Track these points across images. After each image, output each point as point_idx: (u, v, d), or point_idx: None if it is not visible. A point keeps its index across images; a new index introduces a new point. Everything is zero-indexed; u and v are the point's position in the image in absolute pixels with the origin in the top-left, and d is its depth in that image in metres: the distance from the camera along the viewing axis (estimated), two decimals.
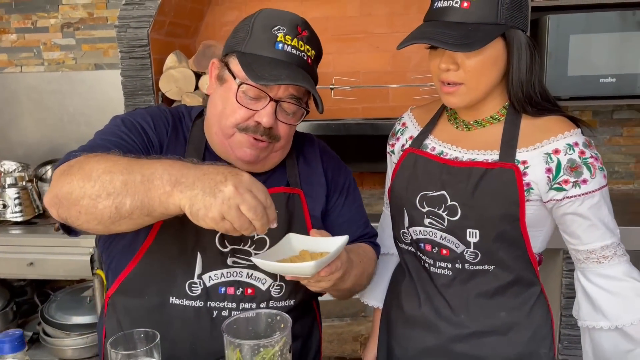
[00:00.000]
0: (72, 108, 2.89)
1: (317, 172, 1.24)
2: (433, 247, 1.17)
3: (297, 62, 1.06)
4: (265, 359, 0.85)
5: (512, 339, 1.17)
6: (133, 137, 1.08)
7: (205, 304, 1.10)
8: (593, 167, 1.07)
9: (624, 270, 1.10)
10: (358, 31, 2.64)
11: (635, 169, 2.55)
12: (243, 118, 1.07)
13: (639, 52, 2.07)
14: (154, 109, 1.18)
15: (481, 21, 1.03)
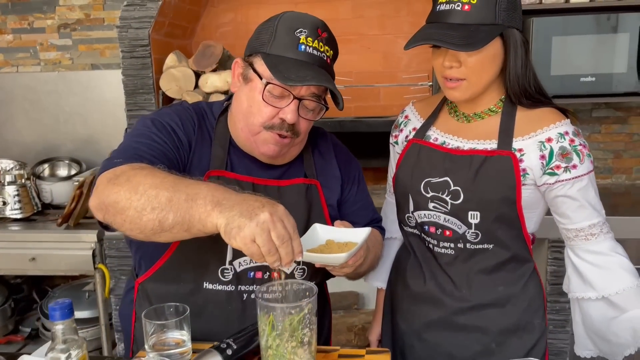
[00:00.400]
0: (68, 108, 2.93)
1: (331, 164, 1.32)
2: (437, 229, 1.26)
3: (318, 63, 1.14)
4: (294, 321, 0.94)
5: (509, 310, 1.27)
6: (164, 138, 1.14)
7: (236, 288, 1.18)
8: (582, 154, 1.17)
9: (609, 245, 1.21)
10: (351, 33, 2.75)
11: (613, 164, 2.69)
12: (269, 116, 1.15)
13: (617, 52, 2.20)
14: (178, 108, 1.24)
15: (481, 22, 1.12)
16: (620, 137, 2.66)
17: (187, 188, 0.94)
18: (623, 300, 1.17)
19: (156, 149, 1.11)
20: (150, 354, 1.06)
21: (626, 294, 1.17)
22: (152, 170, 0.99)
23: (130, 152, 1.08)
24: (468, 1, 1.11)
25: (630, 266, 1.20)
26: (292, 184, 1.24)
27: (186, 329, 1.09)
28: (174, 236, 0.97)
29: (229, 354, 1.02)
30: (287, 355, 0.93)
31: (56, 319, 0.93)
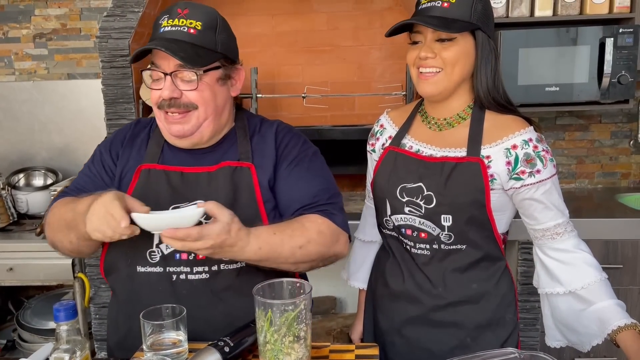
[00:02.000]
0: (43, 117, 2.91)
1: (268, 147, 1.34)
2: (413, 232, 1.34)
3: (176, 36, 1.22)
4: (290, 318, 0.99)
5: (483, 306, 1.34)
6: (94, 168, 1.37)
7: (165, 269, 1.26)
8: (545, 159, 1.26)
9: (573, 243, 1.30)
10: (326, 44, 2.82)
11: (577, 169, 2.84)
12: (156, 98, 1.27)
13: (579, 64, 2.34)
14: (119, 130, 1.43)
15: (457, 18, 1.23)
16: (583, 143, 2.81)
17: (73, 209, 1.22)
18: (589, 294, 1.25)
19: (85, 182, 1.36)
20: (148, 353, 1.10)
21: (591, 288, 1.25)
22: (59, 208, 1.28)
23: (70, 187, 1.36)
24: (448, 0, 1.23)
25: (594, 261, 1.29)
26: (219, 168, 1.30)
27: (182, 330, 1.13)
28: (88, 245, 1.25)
29: (226, 351, 1.07)
30: (284, 350, 0.99)
31: (61, 319, 0.96)
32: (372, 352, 1.14)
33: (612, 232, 2.25)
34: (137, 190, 1.28)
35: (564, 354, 2.28)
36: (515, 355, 1.06)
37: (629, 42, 2.28)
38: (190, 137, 1.29)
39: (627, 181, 2.83)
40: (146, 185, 1.29)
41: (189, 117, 1.26)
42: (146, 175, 1.30)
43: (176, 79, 1.23)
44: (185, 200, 1.27)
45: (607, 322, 1.20)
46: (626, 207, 2.47)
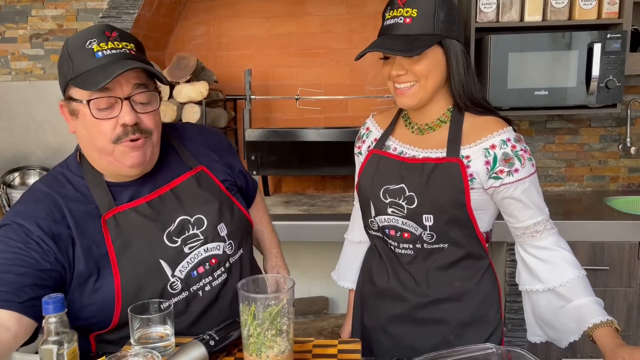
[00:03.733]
0: (39, 117, 2.94)
1: (205, 149, 1.39)
2: (396, 232, 1.37)
3: (122, 57, 1.13)
4: (273, 313, 1.02)
5: (466, 304, 1.37)
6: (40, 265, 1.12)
7: (190, 291, 1.25)
8: (523, 158, 1.28)
9: (553, 241, 1.32)
10: (320, 47, 2.86)
11: (566, 172, 2.87)
12: (111, 129, 1.14)
13: (568, 68, 2.38)
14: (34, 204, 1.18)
15: (421, 33, 1.24)
16: (572, 147, 2.84)
17: None
18: (568, 291, 1.28)
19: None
20: (135, 347, 1.12)
21: (570, 285, 1.28)
22: None
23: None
24: (409, 15, 1.24)
25: (573, 259, 1.31)
26: (180, 182, 1.29)
27: (169, 324, 1.16)
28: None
29: (211, 345, 1.09)
30: (267, 343, 1.01)
31: (49, 312, 0.98)
32: (355, 347, 1.16)
33: (600, 234, 2.28)
34: (117, 242, 1.18)
35: (551, 354, 2.31)
36: (493, 350, 1.09)
37: (616, 47, 2.32)
38: (144, 165, 1.22)
39: (615, 184, 2.86)
40: (121, 231, 1.19)
41: (147, 143, 1.18)
42: (114, 223, 1.19)
43: (133, 102, 1.14)
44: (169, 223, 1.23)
45: (584, 319, 1.23)
46: (614, 209, 2.51)
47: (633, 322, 2.33)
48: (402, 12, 1.25)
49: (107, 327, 1.22)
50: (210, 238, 1.28)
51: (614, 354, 1.14)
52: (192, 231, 1.26)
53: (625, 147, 2.75)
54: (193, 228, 1.27)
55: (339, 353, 1.14)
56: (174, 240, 1.24)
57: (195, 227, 1.27)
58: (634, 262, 2.28)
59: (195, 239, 1.26)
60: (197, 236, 1.27)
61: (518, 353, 1.08)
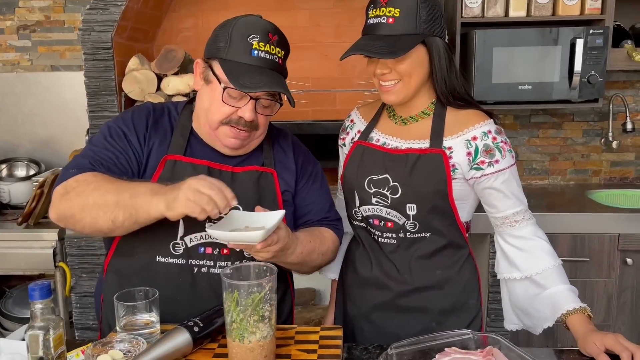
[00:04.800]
0: (26, 109, 2.94)
1: (289, 159, 1.44)
2: (380, 221, 1.40)
3: (270, 66, 1.26)
4: (256, 300, 1.04)
5: (447, 292, 1.41)
6: (115, 143, 1.31)
7: (187, 262, 1.29)
8: (503, 150, 1.32)
9: (531, 231, 1.36)
10: (308, 40, 2.87)
11: (550, 166, 2.91)
12: (227, 114, 1.28)
13: (552, 63, 2.41)
14: (137, 108, 1.39)
15: (404, 32, 1.26)
16: (556, 141, 2.89)
17: (128, 190, 1.17)
18: (544, 279, 1.32)
19: (107, 156, 1.29)
20: (121, 333, 1.15)
21: (546, 274, 1.32)
22: (97, 183, 1.19)
23: (84, 161, 1.27)
24: (392, 15, 1.26)
25: (550, 248, 1.35)
26: (245, 171, 1.35)
27: (155, 311, 1.18)
28: (126, 229, 1.20)
29: (195, 331, 1.12)
30: (249, 329, 1.04)
31: (35, 298, 1.00)
32: (336, 333, 1.20)
33: (581, 226, 2.33)
34: (162, 180, 1.27)
35: (532, 344, 2.35)
36: (469, 336, 1.12)
37: (598, 42, 2.36)
38: (237, 149, 1.34)
39: (597, 178, 2.91)
40: (171, 176, 1.28)
41: (251, 135, 1.32)
42: (171, 166, 1.30)
43: (258, 103, 1.28)
44: None
45: (558, 306, 1.27)
46: (595, 202, 2.56)
47: (612, 312, 2.38)
48: (384, 12, 1.27)
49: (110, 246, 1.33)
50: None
51: (585, 339, 1.17)
52: (223, 215, 1.25)
53: (607, 142, 2.80)
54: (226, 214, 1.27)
55: (321, 339, 1.17)
56: None
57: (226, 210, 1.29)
58: (613, 253, 2.33)
59: None
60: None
61: (493, 338, 1.11)
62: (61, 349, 1.04)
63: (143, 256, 1.29)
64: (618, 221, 2.33)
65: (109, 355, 1.05)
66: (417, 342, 1.10)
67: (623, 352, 1.10)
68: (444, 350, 1.09)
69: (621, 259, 2.33)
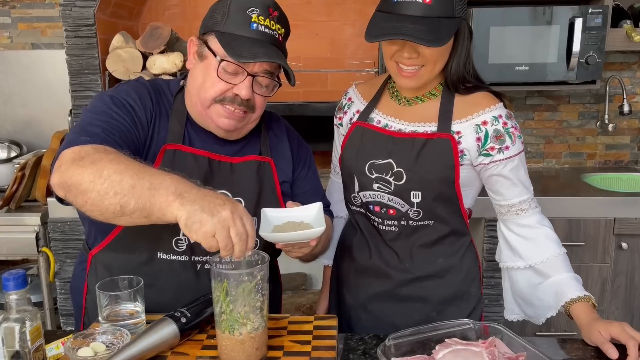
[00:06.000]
0: (7, 89, 2.83)
1: (284, 146, 1.37)
2: (381, 208, 1.34)
3: (270, 40, 1.18)
4: (247, 290, 0.99)
5: (449, 281, 1.36)
6: (124, 116, 1.16)
7: (190, 258, 1.22)
8: (513, 136, 1.27)
9: (537, 219, 1.32)
10: (299, 19, 2.78)
11: (545, 149, 2.87)
12: (222, 91, 1.19)
13: (546, 44, 2.35)
14: (135, 84, 1.26)
15: (441, 15, 1.15)
16: (551, 124, 2.84)
17: (150, 177, 0.98)
18: (547, 267, 1.28)
19: (117, 128, 1.13)
20: (104, 324, 1.09)
21: (550, 262, 1.27)
22: (117, 156, 1.02)
23: (94, 130, 1.09)
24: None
25: (555, 236, 1.31)
26: (244, 161, 1.28)
27: (140, 301, 1.12)
28: (133, 221, 1.00)
29: (183, 322, 1.06)
30: (240, 320, 0.98)
31: (10, 289, 0.94)
32: (331, 323, 1.14)
33: (576, 210, 2.30)
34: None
35: (526, 329, 2.33)
36: (470, 325, 1.07)
37: (597, 22, 2.30)
38: (232, 132, 1.25)
39: (592, 161, 2.88)
40: (171, 167, 1.14)
41: (246, 116, 1.22)
42: (171, 156, 1.21)
43: (255, 81, 1.19)
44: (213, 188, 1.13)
45: (562, 294, 1.23)
46: (590, 186, 2.52)
47: (607, 296, 2.37)
48: None
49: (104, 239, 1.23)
50: None
51: (590, 328, 1.14)
52: None
53: (603, 124, 2.76)
54: None
55: (315, 329, 1.12)
56: None
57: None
58: (608, 238, 2.30)
59: None
60: None
61: (495, 328, 1.07)
62: (39, 341, 0.98)
63: (143, 252, 1.22)
64: (613, 205, 2.30)
65: (91, 348, 1.00)
66: (417, 333, 1.05)
67: (629, 342, 1.07)
68: (444, 341, 1.04)
69: (616, 243, 2.31)
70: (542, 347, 1.07)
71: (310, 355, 1.03)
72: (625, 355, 1.06)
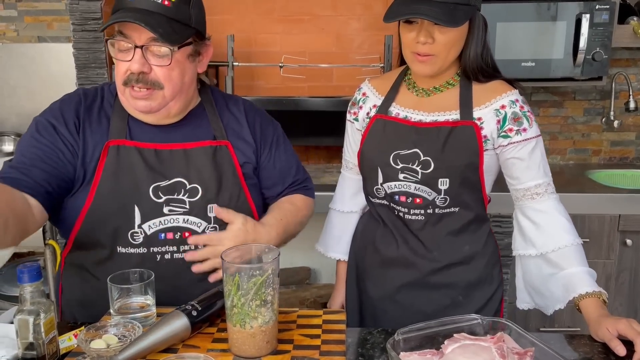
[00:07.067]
0: (12, 81, 2.84)
1: (243, 128, 1.36)
2: (407, 198, 1.36)
3: (148, 6, 1.15)
4: (257, 283, 1.00)
5: (473, 266, 1.39)
6: (45, 138, 1.20)
7: (149, 250, 1.23)
8: (530, 119, 1.30)
9: (552, 205, 1.32)
10: (304, 13, 2.78)
11: (550, 145, 2.87)
12: (123, 72, 1.19)
13: (553, 40, 2.35)
14: (64, 98, 1.28)
15: (457, 2, 1.20)
16: (557, 120, 2.84)
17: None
18: (559, 258, 1.28)
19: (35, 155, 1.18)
20: (115, 317, 1.10)
21: (562, 252, 1.27)
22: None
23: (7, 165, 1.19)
24: None
25: (569, 226, 1.30)
26: (198, 146, 1.28)
27: (150, 294, 1.14)
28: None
29: (194, 315, 1.07)
30: (251, 314, 0.99)
31: (24, 281, 0.95)
32: (340, 317, 1.15)
33: (581, 206, 2.30)
34: (108, 169, 1.21)
35: (530, 324, 2.34)
36: (478, 321, 1.08)
37: (604, 18, 2.30)
38: (157, 113, 1.24)
39: (597, 158, 2.88)
40: (116, 163, 1.22)
41: (155, 95, 1.20)
42: (115, 152, 1.22)
43: (147, 52, 1.16)
44: (164, 178, 1.23)
45: (572, 288, 1.23)
46: (595, 182, 2.53)
47: (611, 292, 2.37)
48: None
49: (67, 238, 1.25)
50: (195, 212, 1.24)
51: (598, 324, 1.14)
52: (181, 196, 1.24)
53: (609, 121, 2.76)
54: (184, 194, 1.24)
55: (324, 323, 1.13)
56: (159, 195, 1.23)
57: (186, 195, 1.24)
58: (613, 234, 2.31)
59: (180, 205, 1.24)
60: (183, 203, 1.24)
61: (503, 323, 1.08)
62: (52, 333, 0.99)
63: (105, 248, 1.23)
64: (618, 202, 2.30)
65: (103, 340, 1.01)
66: (425, 328, 1.06)
67: (637, 338, 1.07)
68: (453, 336, 1.05)
69: (621, 239, 2.32)
70: (550, 342, 1.08)
71: (319, 348, 1.04)
72: (633, 351, 1.07)
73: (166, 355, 1.01)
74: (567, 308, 1.28)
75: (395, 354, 0.99)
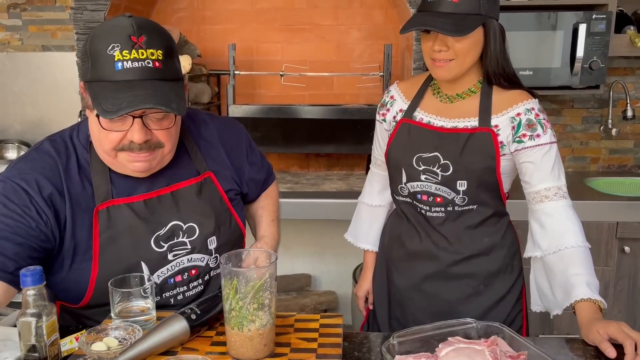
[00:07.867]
0: (17, 89, 2.88)
1: (218, 151, 1.34)
2: (429, 197, 1.43)
3: (141, 75, 1.06)
4: (255, 287, 1.02)
5: (493, 257, 1.45)
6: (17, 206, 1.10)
7: (162, 297, 1.23)
8: (545, 126, 1.35)
9: (560, 209, 1.33)
10: (305, 22, 2.82)
11: None
12: (116, 141, 1.11)
13: (553, 48, 2.38)
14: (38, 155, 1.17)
15: (468, 12, 1.29)
16: (555, 128, 2.82)
17: None
18: (559, 260, 1.29)
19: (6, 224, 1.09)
20: (116, 320, 1.12)
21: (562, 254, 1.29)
22: None
23: None
24: None
25: (575, 230, 1.32)
26: (184, 186, 1.26)
27: (150, 298, 1.15)
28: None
29: (193, 319, 1.09)
30: (249, 317, 1.01)
31: (27, 284, 0.97)
32: (336, 321, 1.17)
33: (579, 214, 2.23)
34: (105, 235, 1.16)
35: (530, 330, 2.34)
36: (472, 325, 1.10)
37: (601, 28, 2.33)
38: (150, 170, 1.19)
39: (596, 165, 2.90)
40: (111, 226, 1.17)
41: (155, 154, 1.15)
42: (105, 215, 1.17)
43: (146, 119, 1.11)
44: (161, 226, 1.20)
45: (570, 293, 1.24)
46: (593, 190, 2.54)
47: (609, 300, 2.38)
48: None
49: (72, 305, 1.23)
50: (197, 249, 1.26)
51: (589, 327, 1.16)
52: (181, 239, 1.24)
53: (607, 129, 2.78)
54: (183, 236, 1.24)
55: (321, 327, 1.15)
56: (161, 245, 1.22)
57: (185, 235, 1.24)
58: (611, 241, 2.33)
59: (182, 247, 1.24)
60: (184, 244, 1.25)
61: (497, 327, 1.09)
62: (54, 336, 1.01)
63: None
64: (616, 209, 2.32)
65: (104, 343, 1.03)
66: (420, 331, 1.08)
67: (626, 341, 1.09)
68: (447, 339, 1.06)
69: (619, 247, 2.33)
70: (543, 346, 1.09)
71: (316, 352, 1.06)
72: (623, 354, 1.08)
73: (165, 357, 1.03)
74: (566, 314, 1.30)
75: (391, 357, 1.01)
